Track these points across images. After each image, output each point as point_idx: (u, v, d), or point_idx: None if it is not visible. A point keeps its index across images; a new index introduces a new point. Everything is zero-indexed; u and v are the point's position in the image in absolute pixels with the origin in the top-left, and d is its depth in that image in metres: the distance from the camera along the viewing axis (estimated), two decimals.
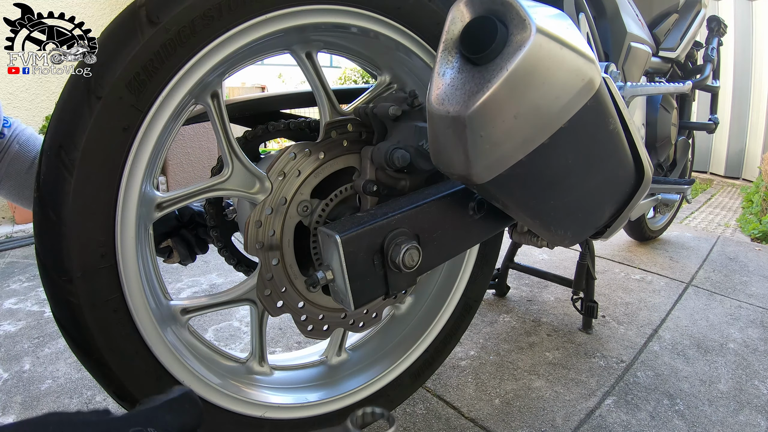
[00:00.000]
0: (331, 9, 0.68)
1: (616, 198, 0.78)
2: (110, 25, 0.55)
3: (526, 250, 2.08)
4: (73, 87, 0.54)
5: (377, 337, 1.00)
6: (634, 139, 0.73)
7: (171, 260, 0.96)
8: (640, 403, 1.12)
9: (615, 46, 1.19)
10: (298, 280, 0.78)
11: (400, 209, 0.66)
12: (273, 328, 1.42)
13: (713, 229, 3.02)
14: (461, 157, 0.57)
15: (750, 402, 1.13)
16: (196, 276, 1.82)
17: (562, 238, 0.75)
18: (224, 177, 0.70)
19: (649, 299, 1.69)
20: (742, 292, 1.76)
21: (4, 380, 1.16)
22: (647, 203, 1.48)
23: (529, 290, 1.73)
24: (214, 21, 0.58)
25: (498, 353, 1.32)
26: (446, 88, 0.56)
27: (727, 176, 5.04)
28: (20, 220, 2.54)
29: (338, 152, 0.77)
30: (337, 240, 0.60)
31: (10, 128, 0.75)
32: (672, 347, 1.37)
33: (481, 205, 0.72)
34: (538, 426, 1.04)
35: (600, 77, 0.59)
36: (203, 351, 0.75)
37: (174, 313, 0.71)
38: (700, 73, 1.83)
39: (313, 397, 0.83)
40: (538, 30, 0.52)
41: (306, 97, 0.92)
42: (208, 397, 0.70)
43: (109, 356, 0.60)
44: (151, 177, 0.64)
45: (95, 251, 0.57)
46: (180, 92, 0.59)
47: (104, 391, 0.64)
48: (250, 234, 0.71)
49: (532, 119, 0.56)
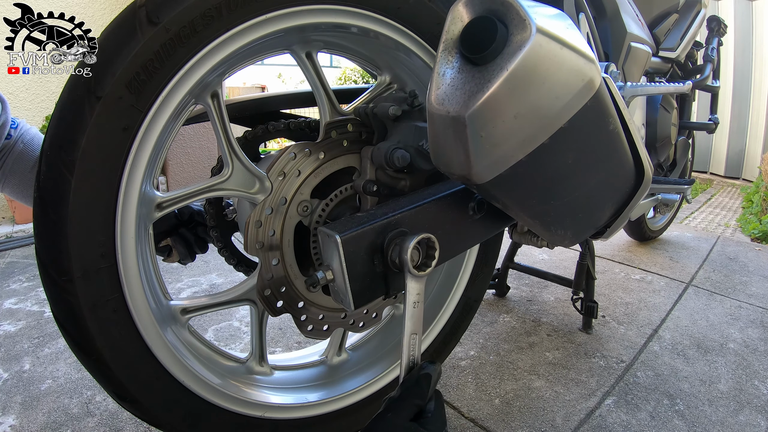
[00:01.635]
0: (331, 9, 0.68)
1: (616, 198, 0.78)
2: (110, 25, 0.55)
3: (526, 250, 2.08)
4: (73, 87, 0.54)
5: (377, 337, 1.00)
6: (634, 139, 0.73)
7: (170, 259, 0.96)
8: (640, 403, 1.12)
9: (615, 46, 1.19)
10: (298, 280, 0.78)
11: (400, 209, 0.66)
12: (273, 328, 1.42)
13: (713, 229, 3.02)
14: (461, 157, 0.57)
15: (750, 402, 1.13)
16: (196, 276, 1.82)
17: (562, 238, 0.75)
18: (224, 177, 0.70)
19: (649, 299, 1.69)
20: (742, 292, 1.76)
21: (4, 380, 1.16)
22: (647, 203, 1.48)
23: (529, 290, 1.73)
24: (214, 21, 0.58)
25: (498, 353, 1.31)
26: (446, 88, 0.56)
27: (727, 176, 5.04)
28: (20, 220, 2.54)
29: (338, 152, 0.77)
30: (337, 240, 0.60)
31: (17, 129, 0.76)
32: (672, 347, 1.37)
33: (481, 205, 0.72)
34: (538, 426, 1.04)
35: (600, 77, 0.59)
36: (203, 351, 0.75)
37: (174, 313, 0.71)
38: (700, 73, 1.83)
39: (313, 397, 0.83)
40: (538, 30, 0.51)
41: (306, 97, 0.92)
42: (208, 397, 0.70)
43: (109, 356, 0.60)
44: (151, 177, 0.64)
45: (95, 251, 0.57)
46: (180, 92, 0.59)
47: (104, 391, 0.64)
48: (250, 234, 0.71)
49: (532, 119, 0.56)
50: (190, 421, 0.69)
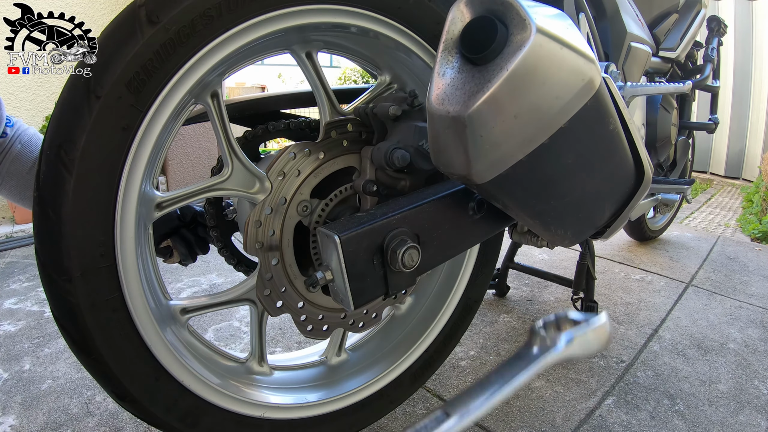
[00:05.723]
0: (331, 9, 0.68)
1: (616, 198, 0.78)
2: (110, 25, 0.55)
3: (526, 250, 2.08)
4: (73, 87, 0.54)
5: (377, 337, 1.00)
6: (634, 139, 0.73)
7: (171, 260, 0.96)
8: (640, 403, 1.12)
9: (615, 46, 1.19)
10: (297, 280, 0.78)
11: (400, 209, 0.66)
12: (273, 328, 1.42)
13: (713, 229, 3.02)
14: (461, 157, 0.57)
15: (750, 402, 1.13)
16: (196, 276, 1.82)
17: (562, 238, 0.75)
18: (224, 177, 0.70)
19: (649, 299, 1.69)
20: (742, 292, 1.76)
21: (4, 380, 1.16)
22: (647, 203, 1.48)
23: (529, 290, 1.73)
24: (214, 20, 0.58)
25: (498, 353, 1.31)
26: (446, 88, 0.56)
27: (727, 176, 5.04)
28: (20, 220, 2.54)
29: (338, 152, 0.77)
30: (337, 240, 0.60)
31: (13, 128, 0.75)
32: (672, 347, 1.37)
33: (481, 205, 0.72)
34: (538, 426, 1.04)
35: (600, 77, 0.59)
36: (203, 351, 0.75)
37: (174, 313, 0.71)
38: (700, 73, 1.83)
39: (313, 397, 0.83)
40: (538, 30, 0.52)
41: (306, 97, 0.92)
42: (208, 397, 0.70)
43: (108, 356, 0.60)
44: (151, 177, 0.64)
45: (95, 251, 0.57)
46: (180, 92, 0.59)
47: (104, 391, 0.64)
48: (249, 234, 0.71)
49: (532, 119, 0.56)
50: (190, 421, 0.69)
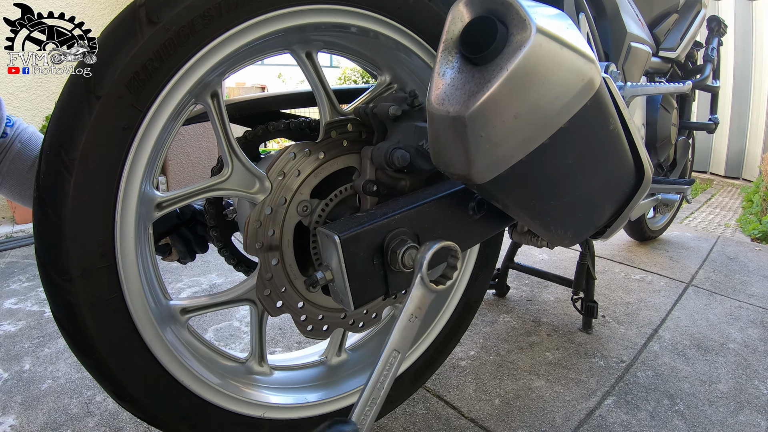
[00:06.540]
0: (331, 9, 0.68)
1: (616, 198, 0.78)
2: (110, 25, 0.55)
3: (526, 250, 2.08)
4: (73, 87, 0.54)
5: (377, 337, 1.00)
6: (634, 139, 0.73)
7: (169, 258, 0.96)
8: (640, 403, 1.12)
9: (615, 46, 1.19)
10: (297, 280, 0.78)
11: (400, 209, 0.66)
12: (273, 328, 1.42)
13: (713, 229, 3.02)
14: (461, 157, 0.57)
15: (750, 402, 1.13)
16: (196, 276, 1.82)
17: (562, 238, 0.75)
18: (224, 177, 0.70)
19: (649, 299, 1.69)
20: (742, 292, 1.76)
21: (4, 380, 1.16)
22: (647, 203, 1.48)
23: (529, 290, 1.73)
24: (214, 20, 0.58)
25: (498, 353, 1.31)
26: (446, 88, 0.56)
27: (727, 176, 5.04)
28: (20, 220, 2.54)
29: (338, 152, 0.77)
30: (337, 240, 0.60)
31: (13, 127, 0.75)
32: (672, 347, 1.37)
33: (481, 205, 0.72)
34: (538, 426, 1.04)
35: (600, 77, 0.59)
36: (203, 351, 0.75)
37: (173, 313, 0.71)
38: (700, 73, 1.83)
39: (313, 397, 0.83)
40: (538, 30, 0.52)
41: (306, 97, 0.92)
42: (208, 397, 0.70)
43: (108, 356, 0.60)
44: (151, 176, 0.64)
45: (95, 251, 0.57)
46: (180, 92, 0.59)
47: (104, 391, 0.64)
48: (249, 234, 0.71)
49: (532, 119, 0.56)
50: (190, 420, 0.69)
